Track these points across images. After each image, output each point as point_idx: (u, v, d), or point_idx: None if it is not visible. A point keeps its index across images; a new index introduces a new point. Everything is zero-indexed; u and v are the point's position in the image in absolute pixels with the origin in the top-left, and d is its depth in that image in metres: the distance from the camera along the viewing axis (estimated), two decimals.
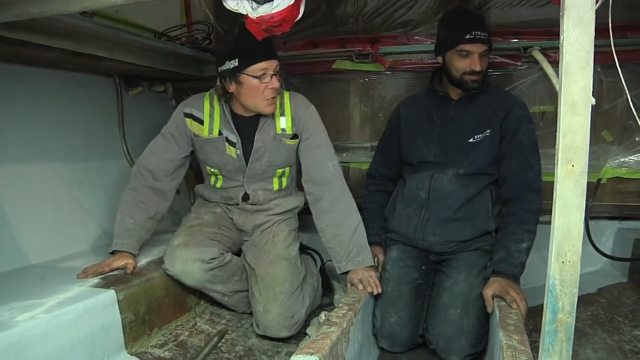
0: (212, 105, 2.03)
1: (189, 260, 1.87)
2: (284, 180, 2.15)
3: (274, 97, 1.90)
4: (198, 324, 1.96)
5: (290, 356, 1.23)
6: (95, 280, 1.68)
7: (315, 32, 2.62)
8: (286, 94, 2.06)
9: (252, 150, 2.02)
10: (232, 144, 2.02)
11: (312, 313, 2.12)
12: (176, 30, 2.54)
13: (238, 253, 2.14)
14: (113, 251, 1.86)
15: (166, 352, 1.71)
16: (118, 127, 2.48)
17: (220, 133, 2.02)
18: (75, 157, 2.21)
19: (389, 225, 2.13)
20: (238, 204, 2.13)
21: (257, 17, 1.25)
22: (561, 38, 0.90)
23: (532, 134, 1.90)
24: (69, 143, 2.19)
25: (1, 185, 1.84)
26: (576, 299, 0.94)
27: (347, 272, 1.93)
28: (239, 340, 1.93)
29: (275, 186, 2.13)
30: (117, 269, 1.79)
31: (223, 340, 1.88)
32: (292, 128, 2.03)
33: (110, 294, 1.58)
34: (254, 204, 2.12)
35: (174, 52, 2.36)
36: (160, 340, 1.77)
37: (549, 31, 2.26)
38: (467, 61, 1.90)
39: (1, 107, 1.88)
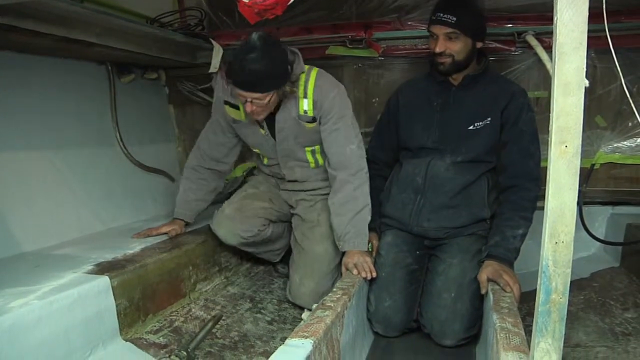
0: None
1: (230, 231, 2.15)
2: (318, 156, 2.16)
3: (254, 114, 1.90)
4: (193, 310, 1.96)
5: (284, 341, 1.23)
6: (89, 267, 1.68)
7: (309, 17, 2.59)
8: (313, 73, 1.99)
9: (276, 131, 2.06)
10: (261, 125, 2.07)
11: None
12: (169, 16, 2.52)
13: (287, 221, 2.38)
14: (173, 218, 2.21)
15: (161, 338, 1.71)
16: (111, 115, 2.46)
17: None
18: (68, 144, 2.20)
19: (383, 210, 2.12)
20: (284, 178, 2.26)
21: (249, 0, 1.24)
22: (555, 18, 0.89)
23: (532, 122, 1.90)
24: (61, 131, 2.17)
25: None
26: (569, 279, 0.94)
27: (342, 255, 1.96)
28: (233, 325, 1.93)
29: (312, 163, 2.17)
30: (163, 233, 2.13)
31: (218, 326, 1.89)
32: (313, 111, 1.99)
33: (104, 280, 1.58)
34: (294, 181, 2.24)
35: (167, 38, 2.34)
36: (155, 326, 1.78)
37: (543, 16, 2.25)
38: (433, 43, 1.92)
39: None
